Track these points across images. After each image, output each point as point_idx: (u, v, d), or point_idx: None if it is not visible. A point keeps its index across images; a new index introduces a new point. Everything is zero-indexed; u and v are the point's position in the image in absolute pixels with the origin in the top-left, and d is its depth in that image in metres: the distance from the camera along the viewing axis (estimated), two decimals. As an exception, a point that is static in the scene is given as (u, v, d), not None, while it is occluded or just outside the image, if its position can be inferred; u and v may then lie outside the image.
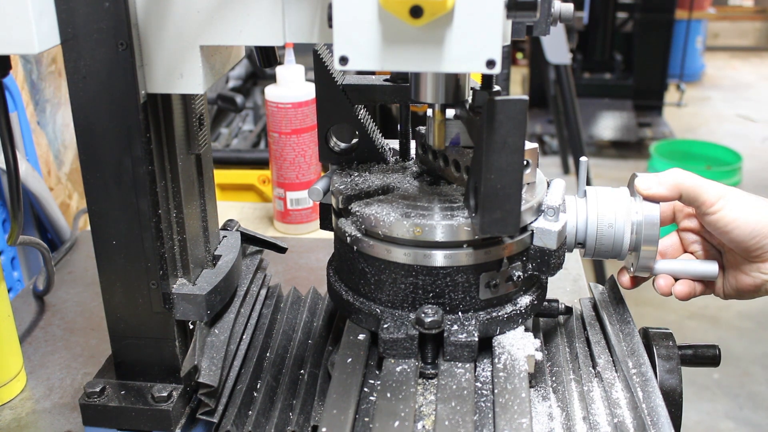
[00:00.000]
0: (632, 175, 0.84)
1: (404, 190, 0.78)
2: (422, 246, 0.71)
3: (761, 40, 7.46)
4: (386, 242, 0.73)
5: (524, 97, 0.63)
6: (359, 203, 0.75)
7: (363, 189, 0.77)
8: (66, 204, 1.52)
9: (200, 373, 0.75)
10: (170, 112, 0.72)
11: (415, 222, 0.70)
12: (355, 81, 0.82)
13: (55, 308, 1.13)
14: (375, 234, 0.73)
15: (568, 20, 0.76)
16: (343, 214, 0.77)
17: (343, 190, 0.77)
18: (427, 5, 0.55)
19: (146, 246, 0.72)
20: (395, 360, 0.72)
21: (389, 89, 0.82)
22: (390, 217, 0.71)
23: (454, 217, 0.71)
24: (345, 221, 0.76)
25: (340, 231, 0.77)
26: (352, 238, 0.75)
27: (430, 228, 0.70)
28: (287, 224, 1.40)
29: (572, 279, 1.17)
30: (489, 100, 0.62)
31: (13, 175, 0.76)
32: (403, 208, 0.73)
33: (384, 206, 0.73)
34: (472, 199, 0.70)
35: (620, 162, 4.78)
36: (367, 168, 0.83)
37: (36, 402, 0.92)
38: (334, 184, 0.79)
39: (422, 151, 0.83)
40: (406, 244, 0.72)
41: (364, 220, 0.73)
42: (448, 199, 0.75)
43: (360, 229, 0.74)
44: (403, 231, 0.71)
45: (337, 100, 0.81)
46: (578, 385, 0.77)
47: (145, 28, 0.66)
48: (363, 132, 0.83)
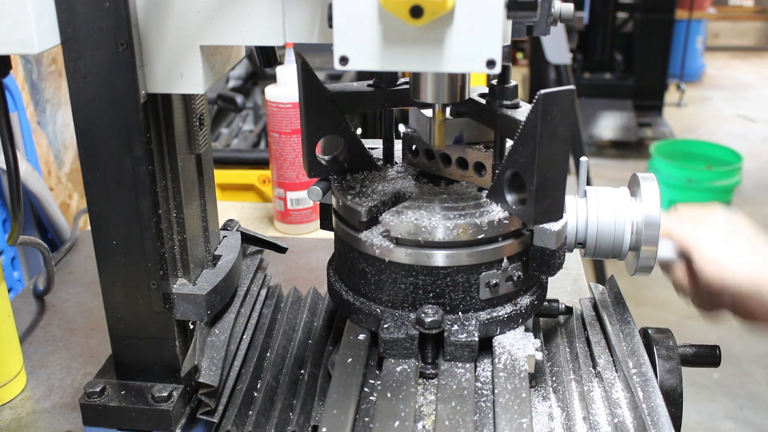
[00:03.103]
0: (632, 175, 0.84)
1: (417, 194, 0.76)
2: (461, 246, 0.71)
3: (761, 40, 7.46)
4: (427, 248, 0.71)
5: (571, 87, 0.65)
6: (390, 213, 0.72)
7: (380, 199, 0.74)
8: (66, 204, 1.52)
9: (200, 373, 0.75)
10: (170, 112, 0.72)
11: (457, 223, 0.70)
12: (341, 89, 0.78)
13: (55, 308, 1.13)
14: (414, 241, 0.71)
15: (568, 20, 0.76)
16: (366, 227, 0.74)
17: (361, 203, 0.74)
18: (427, 5, 0.55)
19: (146, 246, 0.72)
20: (395, 360, 0.72)
21: (379, 95, 0.80)
22: (432, 221, 0.70)
23: (488, 213, 0.71)
24: (370, 233, 0.73)
25: (366, 244, 0.73)
26: (382, 249, 0.72)
27: (475, 228, 0.70)
28: (287, 224, 1.40)
29: (572, 279, 1.17)
30: (542, 94, 0.63)
31: (14, 175, 0.76)
32: (439, 210, 0.72)
33: (417, 212, 0.72)
34: (510, 192, 0.71)
35: (620, 162, 4.78)
36: (364, 177, 0.80)
37: (36, 402, 0.92)
38: (345, 200, 0.75)
39: (411, 154, 0.82)
40: (447, 246, 0.71)
41: (401, 228, 0.71)
42: (472, 197, 0.75)
43: (391, 239, 0.72)
44: (447, 234, 0.70)
45: (325, 111, 0.76)
46: (578, 385, 0.77)
47: (145, 28, 0.66)
48: (353, 141, 0.79)
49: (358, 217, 0.73)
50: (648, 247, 0.80)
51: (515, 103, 0.74)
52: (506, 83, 0.74)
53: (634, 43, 5.08)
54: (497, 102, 0.74)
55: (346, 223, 0.76)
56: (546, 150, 0.66)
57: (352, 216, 0.74)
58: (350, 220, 0.75)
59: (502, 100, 0.74)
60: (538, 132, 0.65)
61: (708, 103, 5.96)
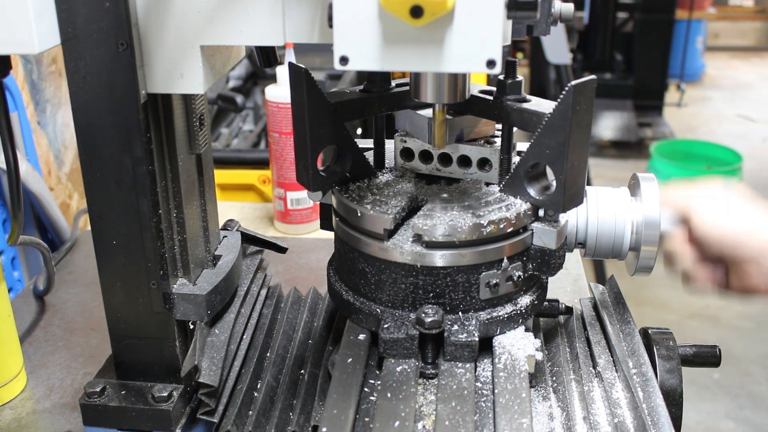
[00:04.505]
0: (632, 175, 0.84)
1: (430, 196, 0.76)
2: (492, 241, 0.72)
3: (761, 40, 7.46)
4: (461, 247, 0.71)
5: (593, 77, 0.68)
6: (420, 218, 0.71)
7: (399, 205, 0.73)
8: (66, 204, 1.52)
9: (200, 373, 0.75)
10: (170, 112, 0.72)
11: (491, 219, 0.71)
12: (339, 99, 0.76)
13: (56, 308, 1.13)
14: (449, 243, 0.71)
15: (568, 20, 0.76)
16: (391, 236, 0.72)
17: (384, 211, 0.72)
18: (428, 5, 0.55)
19: (146, 246, 0.72)
20: (395, 360, 0.72)
21: (377, 100, 0.79)
22: (465, 222, 0.70)
23: (514, 206, 0.73)
24: (399, 241, 0.72)
25: (395, 253, 0.72)
26: (414, 254, 0.71)
27: (506, 222, 0.72)
28: (287, 224, 1.40)
29: (572, 279, 1.17)
30: (573, 85, 0.65)
31: (14, 175, 0.76)
32: (466, 210, 0.72)
33: (446, 213, 0.72)
34: (531, 183, 0.73)
35: (620, 162, 4.78)
36: (368, 184, 0.78)
37: (36, 402, 0.92)
38: (366, 210, 0.73)
39: (404, 158, 0.82)
40: (479, 243, 0.71)
41: (435, 232, 0.70)
42: (487, 194, 0.76)
43: (422, 243, 0.71)
44: (479, 232, 0.70)
45: (327, 121, 0.73)
46: (578, 385, 0.77)
47: (145, 28, 0.66)
48: (355, 150, 0.77)
49: (385, 226, 0.71)
50: (648, 247, 0.80)
51: (523, 98, 0.75)
52: (514, 78, 0.75)
53: (634, 43, 5.08)
54: (507, 97, 0.75)
55: (365, 233, 0.74)
56: (575, 138, 0.68)
57: (375, 225, 0.72)
58: (373, 228, 0.72)
59: (512, 95, 0.75)
60: (569, 122, 0.66)
61: (708, 103, 5.96)
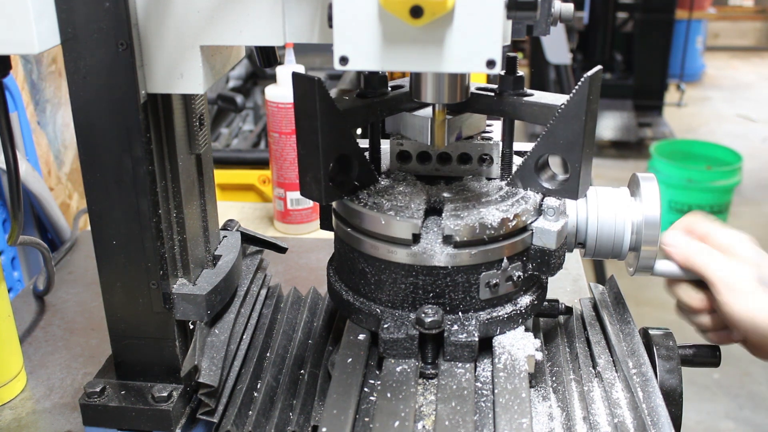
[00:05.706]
0: (632, 175, 0.84)
1: (442, 197, 0.76)
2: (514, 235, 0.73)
3: (761, 40, 7.46)
4: (491, 243, 0.72)
5: (600, 67, 0.71)
6: (448, 219, 0.71)
7: (417, 209, 0.73)
8: (66, 204, 1.52)
9: (200, 373, 0.75)
10: (170, 112, 0.72)
11: (515, 212, 0.72)
12: (345, 107, 0.74)
13: (55, 308, 1.13)
14: (479, 240, 0.71)
15: (568, 20, 0.77)
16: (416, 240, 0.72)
17: (409, 216, 0.71)
18: (427, 5, 0.55)
19: (146, 246, 0.72)
20: (395, 360, 0.72)
21: (382, 105, 0.78)
22: (494, 217, 0.71)
23: (529, 199, 0.74)
24: (429, 244, 0.72)
25: (424, 256, 0.71)
26: (449, 256, 0.71)
27: (528, 214, 0.74)
28: (287, 224, 1.40)
29: (572, 279, 1.17)
30: (589, 77, 0.67)
31: (13, 175, 0.76)
32: (491, 206, 0.73)
33: (471, 212, 0.72)
34: (542, 173, 0.75)
35: (620, 162, 4.78)
36: (377, 190, 0.77)
37: (36, 402, 0.92)
38: (390, 218, 0.71)
39: (400, 161, 0.81)
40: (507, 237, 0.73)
41: (465, 232, 0.70)
42: (496, 188, 0.77)
43: (451, 243, 0.71)
44: (508, 226, 0.72)
45: (338, 131, 0.70)
46: (578, 385, 0.77)
47: (145, 28, 0.66)
48: (361, 157, 0.75)
49: (413, 231, 0.71)
50: (648, 247, 0.80)
51: (526, 92, 0.77)
52: (516, 74, 0.76)
53: (634, 43, 5.08)
54: (510, 92, 0.76)
55: (386, 239, 0.73)
56: (589, 127, 0.70)
57: (400, 231, 0.71)
58: (397, 235, 0.71)
59: (516, 89, 0.76)
60: (585, 112, 0.68)
61: (708, 103, 5.96)
